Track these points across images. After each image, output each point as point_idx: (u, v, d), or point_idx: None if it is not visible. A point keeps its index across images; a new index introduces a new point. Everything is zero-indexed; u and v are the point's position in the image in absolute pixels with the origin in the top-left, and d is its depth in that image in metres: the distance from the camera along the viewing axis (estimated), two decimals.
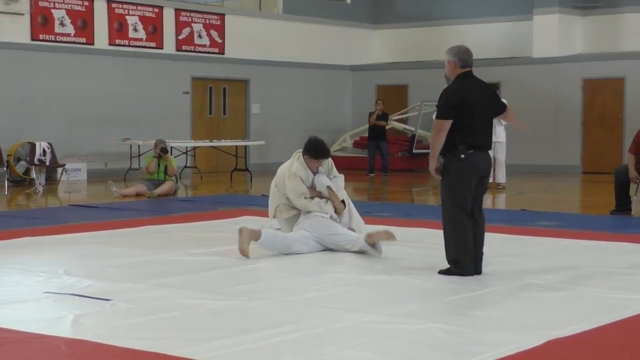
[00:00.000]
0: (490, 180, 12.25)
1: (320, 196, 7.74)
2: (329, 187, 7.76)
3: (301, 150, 7.90)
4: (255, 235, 7.25)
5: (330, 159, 8.03)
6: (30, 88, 16.33)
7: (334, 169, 8.05)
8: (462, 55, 6.45)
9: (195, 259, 7.18)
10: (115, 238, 8.47)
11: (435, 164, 6.47)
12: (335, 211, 7.71)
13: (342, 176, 8.04)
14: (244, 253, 7.14)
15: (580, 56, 19.19)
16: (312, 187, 7.78)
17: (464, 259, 6.36)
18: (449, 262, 6.46)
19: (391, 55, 21.92)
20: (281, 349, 4.45)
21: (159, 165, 13.55)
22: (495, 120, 12.70)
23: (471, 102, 6.34)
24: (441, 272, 6.47)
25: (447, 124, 6.29)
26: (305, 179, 7.79)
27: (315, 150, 7.80)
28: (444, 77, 6.60)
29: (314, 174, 7.85)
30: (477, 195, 6.47)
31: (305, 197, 7.69)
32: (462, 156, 6.32)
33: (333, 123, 21.49)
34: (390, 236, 7.23)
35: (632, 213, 10.51)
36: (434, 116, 14.85)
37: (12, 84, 16.12)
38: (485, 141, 6.48)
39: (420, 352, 4.44)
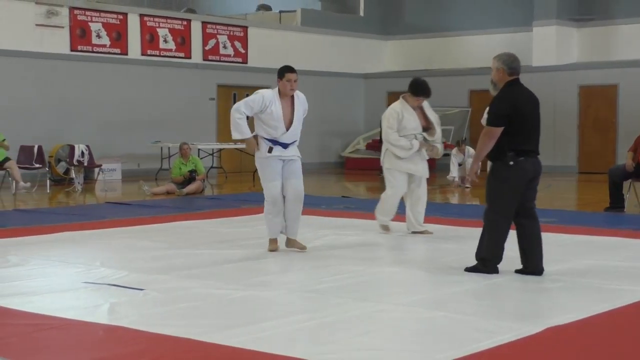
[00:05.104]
0: None
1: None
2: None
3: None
4: None
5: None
6: (70, 95, 16.42)
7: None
8: (511, 63, 6.06)
9: (220, 252, 7.20)
10: (147, 233, 8.50)
11: (476, 168, 6.23)
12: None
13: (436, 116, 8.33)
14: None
15: (576, 65, 19.09)
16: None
17: (493, 260, 6.12)
18: (477, 259, 6.20)
19: (401, 64, 21.88)
20: (297, 335, 4.45)
21: (184, 178, 13.51)
22: None
23: (521, 108, 5.98)
24: (468, 269, 6.22)
25: (498, 131, 5.92)
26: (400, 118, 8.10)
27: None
28: (489, 83, 6.21)
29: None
30: (529, 198, 6.12)
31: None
32: (511, 163, 5.96)
33: (347, 127, 21.48)
34: (303, 248, 7.22)
35: (624, 210, 10.45)
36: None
37: (53, 91, 16.22)
38: (534, 146, 6.08)
39: (426, 338, 4.44)
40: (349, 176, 18.53)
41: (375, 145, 19.69)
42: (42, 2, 16.00)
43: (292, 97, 7.15)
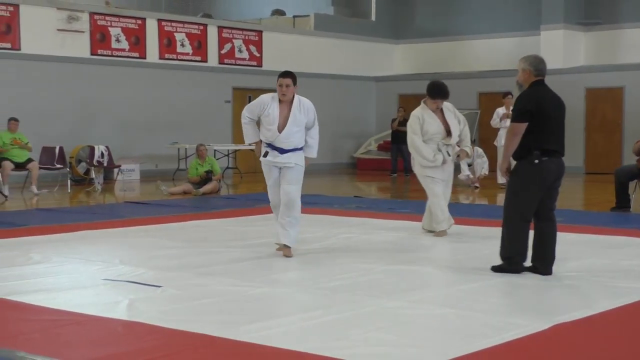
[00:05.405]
0: (503, 181, 12.13)
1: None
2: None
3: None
4: None
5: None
6: (90, 97, 16.49)
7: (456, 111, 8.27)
8: (538, 65, 6.00)
9: (235, 250, 7.20)
10: (165, 231, 8.52)
11: (507, 165, 6.14)
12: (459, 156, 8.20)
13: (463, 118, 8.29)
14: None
15: (583, 68, 19.01)
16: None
17: (517, 258, 6.04)
18: (502, 259, 6.11)
19: (412, 67, 21.85)
20: (311, 331, 4.45)
21: (200, 178, 13.53)
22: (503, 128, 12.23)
23: (546, 107, 5.91)
24: (494, 267, 6.13)
25: (522, 127, 5.85)
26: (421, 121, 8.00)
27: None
28: (515, 84, 6.15)
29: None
30: (550, 198, 6.05)
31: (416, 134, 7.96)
32: (536, 162, 5.88)
33: (359, 128, 21.46)
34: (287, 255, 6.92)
35: (630, 210, 10.40)
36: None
37: (75, 94, 16.29)
38: (558, 147, 6.02)
39: (437, 334, 4.43)
40: (360, 176, 18.52)
41: (387, 146, 19.68)
42: (63, 8, 16.09)
43: (292, 102, 7.04)
